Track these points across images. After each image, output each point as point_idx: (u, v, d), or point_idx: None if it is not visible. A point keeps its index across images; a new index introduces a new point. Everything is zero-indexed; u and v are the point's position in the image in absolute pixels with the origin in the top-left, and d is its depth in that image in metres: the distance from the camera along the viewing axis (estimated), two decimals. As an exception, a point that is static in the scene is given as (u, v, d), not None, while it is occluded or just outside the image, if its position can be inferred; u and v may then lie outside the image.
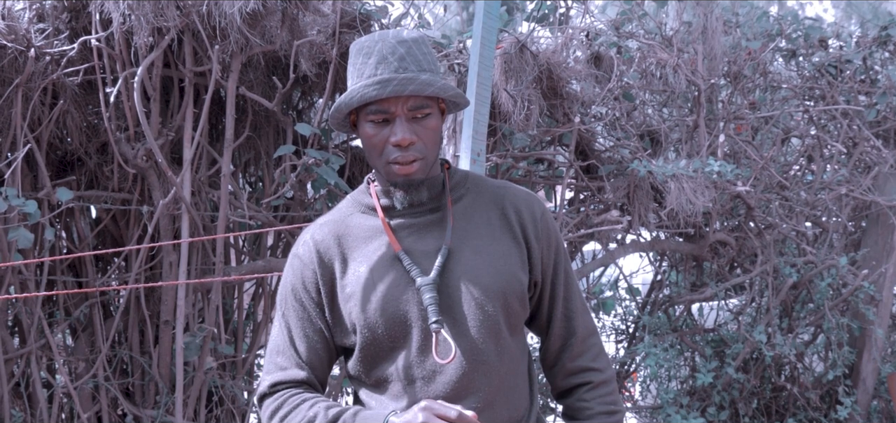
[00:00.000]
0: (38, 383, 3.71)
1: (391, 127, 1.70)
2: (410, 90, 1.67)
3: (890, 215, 4.88)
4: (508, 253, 1.77)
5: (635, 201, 4.37)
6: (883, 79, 5.06)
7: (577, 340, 1.84)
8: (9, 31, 3.41)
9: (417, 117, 1.70)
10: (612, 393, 1.84)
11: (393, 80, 1.67)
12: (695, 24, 4.50)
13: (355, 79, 1.74)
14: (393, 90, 1.66)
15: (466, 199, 1.81)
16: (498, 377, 1.73)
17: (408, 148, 1.70)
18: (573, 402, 1.84)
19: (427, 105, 1.71)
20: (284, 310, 1.81)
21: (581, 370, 1.83)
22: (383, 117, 1.70)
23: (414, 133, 1.70)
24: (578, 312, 1.85)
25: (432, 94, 1.69)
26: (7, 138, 3.55)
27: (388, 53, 1.70)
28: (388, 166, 1.72)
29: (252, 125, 4.00)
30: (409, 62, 1.70)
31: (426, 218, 1.77)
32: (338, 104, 1.73)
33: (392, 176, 1.73)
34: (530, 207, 1.82)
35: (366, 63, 1.72)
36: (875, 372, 4.96)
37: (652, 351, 4.43)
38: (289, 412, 1.73)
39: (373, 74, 1.70)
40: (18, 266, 3.56)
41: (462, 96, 1.76)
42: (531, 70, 4.03)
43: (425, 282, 1.69)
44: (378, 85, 1.67)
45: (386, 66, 1.69)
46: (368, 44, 1.74)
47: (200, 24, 3.46)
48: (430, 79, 1.70)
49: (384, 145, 1.71)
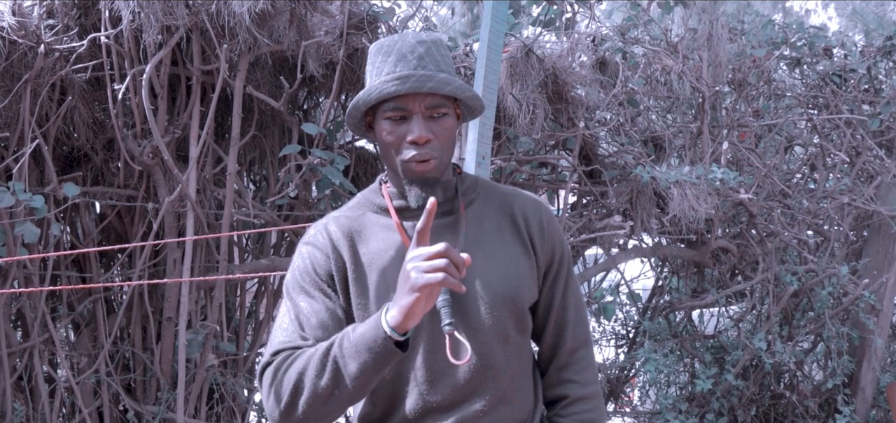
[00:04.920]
0: (40, 377, 3.72)
1: (408, 124, 1.70)
2: (429, 87, 1.67)
3: (892, 225, 4.89)
4: (517, 258, 1.78)
5: (638, 207, 4.39)
6: (887, 89, 5.07)
7: (565, 351, 1.84)
8: (19, 26, 3.42)
9: (434, 116, 1.71)
10: (589, 410, 1.83)
11: (412, 76, 1.68)
12: (700, 31, 4.51)
13: (374, 77, 1.74)
14: (412, 86, 1.67)
15: (477, 203, 1.82)
16: (505, 380, 1.75)
17: (424, 146, 1.70)
18: (552, 417, 1.85)
19: (444, 105, 1.72)
20: (293, 294, 1.75)
21: (563, 382, 1.84)
22: (401, 114, 1.70)
23: (431, 131, 1.70)
24: (571, 323, 1.85)
25: (450, 93, 1.70)
26: (15, 133, 3.56)
27: (408, 52, 1.71)
28: (404, 164, 1.72)
29: (258, 124, 4.01)
30: (428, 61, 1.71)
31: (439, 221, 1.77)
32: (356, 101, 1.73)
33: (408, 173, 1.72)
34: (538, 214, 1.83)
35: (385, 61, 1.72)
36: (874, 382, 4.97)
37: (651, 357, 4.44)
38: (287, 367, 1.64)
39: (392, 72, 1.70)
40: (24, 261, 3.57)
41: (479, 100, 1.76)
42: (537, 74, 4.04)
43: None
44: (397, 81, 1.68)
45: (405, 64, 1.70)
46: (388, 43, 1.74)
47: (209, 22, 3.48)
48: (449, 78, 1.71)
49: (401, 143, 1.71)
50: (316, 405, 1.62)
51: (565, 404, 1.83)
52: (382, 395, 1.76)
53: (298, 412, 1.63)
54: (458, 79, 1.74)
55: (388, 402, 1.76)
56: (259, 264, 3.93)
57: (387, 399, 1.76)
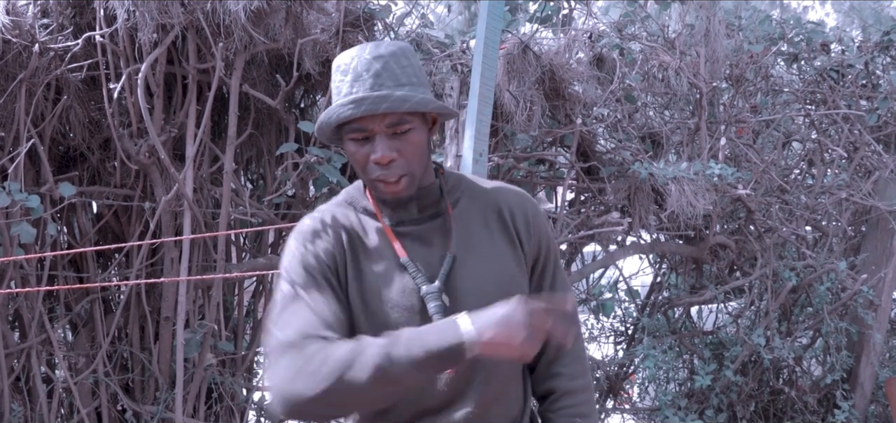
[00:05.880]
0: (38, 377, 3.71)
1: (371, 144, 1.67)
2: (384, 108, 1.64)
3: (890, 220, 4.89)
4: (507, 255, 1.78)
5: (636, 203, 4.38)
6: (884, 84, 5.06)
7: (554, 344, 1.83)
8: (13, 26, 3.41)
9: (398, 133, 1.67)
10: (579, 403, 1.82)
11: (367, 98, 1.64)
12: (697, 27, 4.50)
13: (335, 97, 1.72)
14: (367, 109, 1.63)
15: (462, 203, 1.81)
16: (497, 381, 1.74)
17: (389, 166, 1.67)
18: (542, 412, 1.84)
19: (407, 120, 1.67)
20: (301, 283, 1.67)
21: (551, 376, 1.84)
22: (363, 135, 1.67)
23: (395, 149, 1.67)
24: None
25: (408, 110, 1.65)
26: (10, 133, 3.55)
27: (363, 71, 1.67)
28: (373, 183, 1.70)
29: (254, 123, 4.01)
30: (385, 78, 1.67)
31: (427, 225, 1.76)
32: (319, 123, 1.71)
33: (379, 193, 1.71)
34: (523, 207, 1.82)
35: (343, 81, 1.69)
36: (873, 377, 4.97)
37: (650, 353, 4.44)
38: (324, 352, 1.53)
39: (349, 93, 1.67)
40: (20, 261, 3.57)
41: (444, 108, 1.72)
42: (534, 71, 4.04)
43: (430, 290, 1.68)
44: (352, 104, 1.64)
45: (361, 84, 1.67)
46: (345, 61, 1.71)
47: (205, 21, 3.47)
48: (407, 94, 1.66)
49: (366, 162, 1.68)
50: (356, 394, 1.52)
51: (554, 398, 1.83)
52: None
53: (335, 397, 1.51)
54: (421, 89, 1.70)
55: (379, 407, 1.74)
56: (257, 263, 3.92)
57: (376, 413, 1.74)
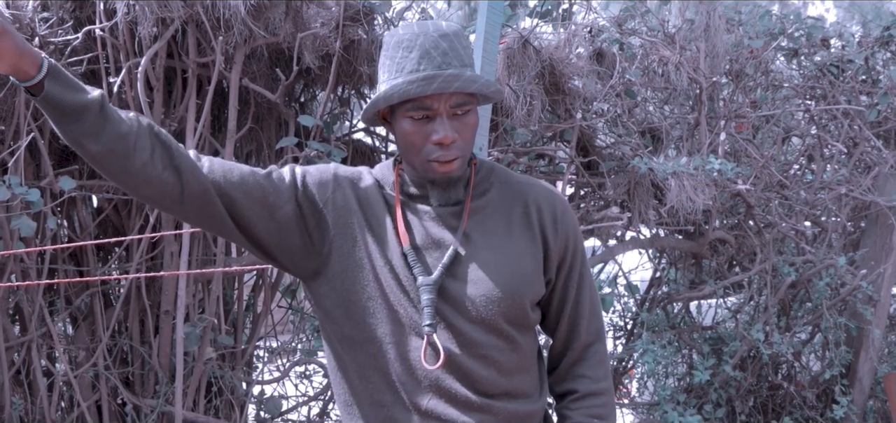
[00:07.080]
0: (38, 371, 3.72)
1: (432, 124, 1.65)
2: (456, 87, 1.62)
3: (889, 216, 4.89)
4: (524, 252, 1.74)
5: (635, 198, 4.39)
6: (884, 79, 5.06)
7: (579, 345, 1.81)
8: (13, 19, 3.41)
9: (458, 114, 1.66)
10: (600, 405, 1.80)
11: (438, 76, 1.62)
12: (697, 22, 4.50)
13: (394, 73, 1.67)
14: (438, 87, 1.62)
15: (491, 193, 1.78)
16: (503, 376, 1.71)
17: (450, 146, 1.66)
18: (560, 409, 1.82)
19: (468, 101, 1.67)
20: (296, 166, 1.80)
21: (574, 377, 1.81)
22: (425, 114, 1.65)
23: (455, 131, 1.66)
24: (585, 317, 1.81)
25: (476, 91, 1.65)
26: (10, 127, 3.56)
27: (431, 48, 1.65)
28: (427, 164, 1.67)
29: (254, 117, 4.01)
30: (452, 57, 1.65)
31: (446, 209, 1.73)
32: (375, 99, 1.68)
33: (431, 173, 1.68)
34: (552, 204, 1.79)
35: (407, 57, 1.65)
36: (872, 372, 4.97)
37: (649, 348, 4.44)
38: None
39: (415, 69, 1.64)
40: (20, 254, 3.57)
41: (501, 92, 1.74)
42: (534, 66, 4.04)
43: (426, 282, 1.66)
44: (423, 81, 1.62)
45: (429, 61, 1.64)
46: (409, 37, 1.67)
47: (204, 15, 3.47)
48: (474, 76, 1.66)
49: (424, 143, 1.66)
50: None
51: (575, 397, 1.80)
52: (364, 398, 1.73)
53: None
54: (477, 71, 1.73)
55: (372, 404, 1.73)
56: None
57: (369, 401, 1.73)
